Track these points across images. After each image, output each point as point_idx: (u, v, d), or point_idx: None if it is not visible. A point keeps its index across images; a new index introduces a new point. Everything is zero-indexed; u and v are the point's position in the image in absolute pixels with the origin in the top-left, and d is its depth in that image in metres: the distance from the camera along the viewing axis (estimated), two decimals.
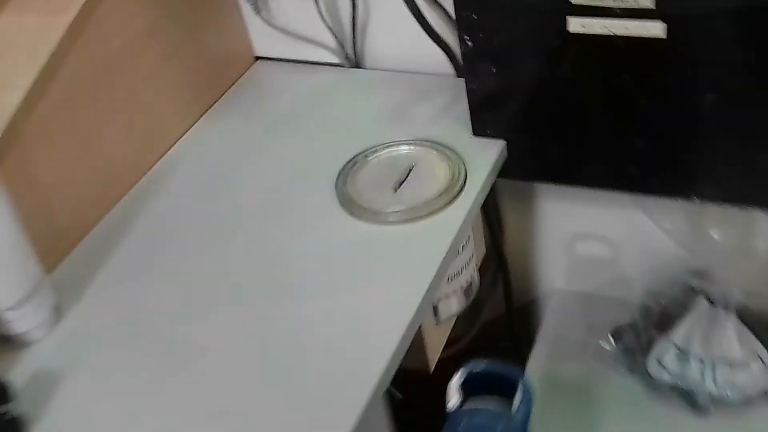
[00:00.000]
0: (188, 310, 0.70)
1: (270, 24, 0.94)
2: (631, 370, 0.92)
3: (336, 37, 0.93)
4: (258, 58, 1.00)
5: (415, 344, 0.75)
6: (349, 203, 0.76)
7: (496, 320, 1.06)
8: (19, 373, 0.66)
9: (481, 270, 0.91)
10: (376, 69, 0.95)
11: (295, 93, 0.94)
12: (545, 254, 1.03)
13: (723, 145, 0.72)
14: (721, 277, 0.86)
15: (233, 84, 0.96)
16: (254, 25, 0.96)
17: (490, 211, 0.94)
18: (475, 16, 0.73)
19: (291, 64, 0.98)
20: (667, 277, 0.95)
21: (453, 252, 0.73)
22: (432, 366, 0.81)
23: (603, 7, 0.67)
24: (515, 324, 1.06)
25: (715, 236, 0.84)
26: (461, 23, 0.74)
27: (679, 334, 0.87)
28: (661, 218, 0.84)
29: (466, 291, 0.85)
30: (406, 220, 0.73)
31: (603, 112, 0.74)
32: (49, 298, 0.70)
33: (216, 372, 0.64)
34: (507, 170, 0.81)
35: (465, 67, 0.77)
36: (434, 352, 0.81)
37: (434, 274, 0.69)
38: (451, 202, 0.75)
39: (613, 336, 0.94)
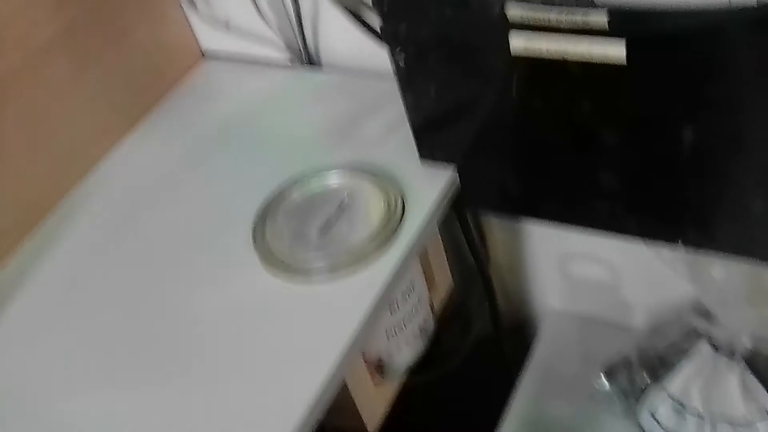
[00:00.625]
0: (72, 382, 0.60)
1: (211, 18, 0.82)
2: (625, 415, 0.80)
3: (282, 33, 0.81)
4: (204, 54, 0.88)
5: (346, 407, 0.65)
6: (265, 253, 0.65)
7: (487, 339, 0.95)
8: None
9: (462, 293, 0.79)
10: (330, 66, 0.83)
11: (238, 98, 0.83)
12: (538, 273, 0.91)
13: (707, 188, 0.58)
14: (727, 319, 0.73)
15: (176, 83, 0.85)
16: (196, 18, 0.84)
17: (468, 226, 0.82)
18: (403, 27, 0.60)
19: (241, 62, 0.86)
20: (670, 308, 0.82)
21: (378, 310, 0.61)
22: (373, 425, 0.71)
23: (545, 26, 0.53)
24: (505, 345, 0.95)
25: (721, 273, 0.71)
26: (388, 36, 0.61)
27: (676, 383, 0.75)
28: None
29: (421, 335, 0.73)
30: (329, 276, 0.62)
31: (562, 142, 0.61)
32: None
33: None
34: (463, 201, 0.68)
35: (401, 85, 0.64)
36: (373, 410, 0.71)
37: (348, 341, 0.58)
38: (382, 246, 0.63)
39: (606, 375, 0.82)
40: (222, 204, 0.71)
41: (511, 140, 0.63)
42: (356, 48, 0.79)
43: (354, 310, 0.59)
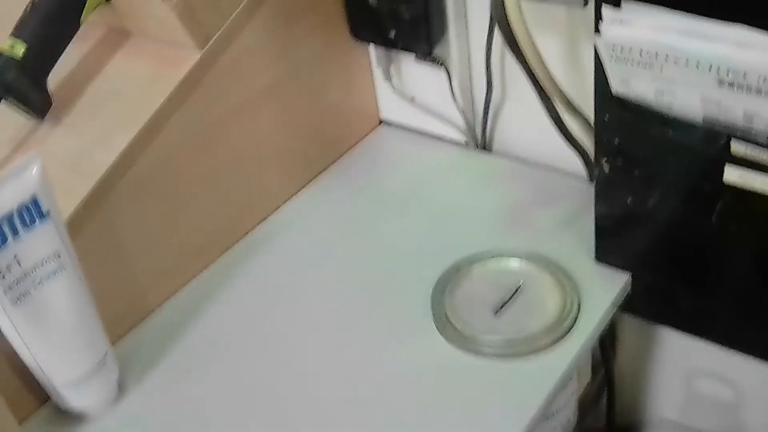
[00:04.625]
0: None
1: (400, 92, 0.87)
2: None
3: (465, 117, 0.85)
4: (382, 121, 0.93)
5: None
6: (442, 321, 0.68)
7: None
8: None
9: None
10: (501, 154, 0.87)
11: (412, 169, 0.87)
12: (659, 380, 0.93)
13: None
14: None
15: (351, 148, 0.90)
16: (383, 88, 0.90)
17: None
18: (616, 141, 0.64)
19: (415, 133, 0.91)
20: None
21: (551, 398, 0.64)
22: None
23: (763, 166, 0.57)
24: None
25: None
26: (600, 146, 0.65)
27: None
28: None
29: (567, 426, 0.76)
30: (503, 355, 0.66)
31: (748, 270, 0.64)
32: (114, 372, 0.66)
33: None
34: (629, 306, 0.72)
35: (598, 190, 0.68)
36: None
37: (526, 424, 0.61)
38: (557, 341, 0.66)
39: None
40: (398, 269, 0.75)
41: (697, 259, 0.66)
42: (533, 140, 0.84)
43: (529, 397, 0.62)
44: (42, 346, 0.60)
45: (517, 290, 0.70)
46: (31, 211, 0.57)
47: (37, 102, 0.70)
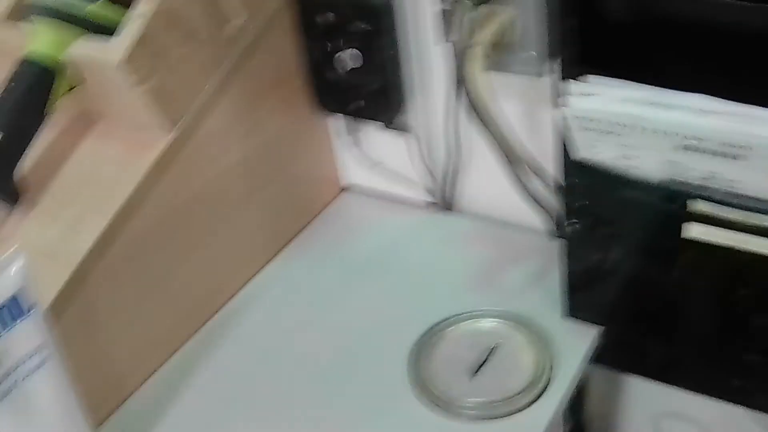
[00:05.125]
0: None
1: (363, 158, 0.90)
2: None
3: (431, 179, 0.88)
4: (344, 188, 0.95)
5: None
6: (421, 387, 0.70)
7: None
8: None
9: None
10: (466, 213, 0.90)
11: (379, 234, 0.89)
12: (627, 425, 0.95)
13: None
14: None
15: (316, 216, 0.91)
16: (344, 155, 0.92)
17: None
18: (583, 203, 0.66)
19: (377, 198, 0.93)
20: None
21: None
22: None
23: (729, 221, 0.60)
24: None
25: None
26: (569, 208, 0.68)
27: None
28: None
29: None
30: (483, 417, 0.67)
31: (713, 321, 0.67)
32: None
33: None
34: (600, 358, 0.74)
35: (567, 248, 0.71)
36: None
37: None
38: (535, 399, 0.68)
39: None
40: (373, 335, 0.76)
41: (663, 310, 0.69)
42: (495, 198, 0.86)
43: None
44: None
45: (492, 350, 0.72)
46: (12, 310, 0.57)
47: (8, 190, 0.70)
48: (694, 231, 0.62)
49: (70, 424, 0.62)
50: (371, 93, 0.80)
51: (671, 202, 0.62)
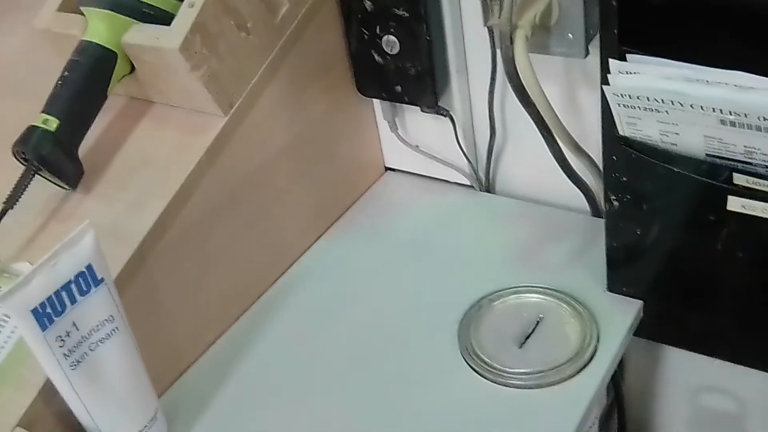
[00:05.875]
0: None
1: (404, 140, 0.92)
2: None
3: (470, 162, 0.90)
4: (388, 168, 0.98)
5: None
6: (471, 356, 0.72)
7: None
8: None
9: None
10: (505, 195, 0.92)
11: (421, 214, 0.91)
12: (666, 397, 0.97)
13: None
14: None
15: (360, 196, 0.94)
16: (387, 138, 0.94)
17: None
18: (625, 179, 0.69)
19: (420, 178, 0.96)
20: None
21: (582, 424, 0.68)
22: None
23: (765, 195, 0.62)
24: None
25: None
26: (609, 183, 0.70)
27: None
28: None
29: None
30: (532, 386, 0.70)
31: (754, 291, 0.69)
32: (164, 428, 0.69)
33: None
34: (641, 330, 0.76)
35: (608, 224, 0.73)
36: None
37: None
38: (581, 369, 0.70)
39: None
40: (422, 309, 0.79)
41: (704, 284, 0.71)
42: (535, 179, 0.88)
43: (562, 424, 0.67)
44: (100, 406, 0.63)
45: (537, 323, 0.75)
46: (87, 279, 0.61)
47: (70, 173, 0.73)
48: (736, 204, 0.64)
49: (139, 392, 0.66)
50: (411, 78, 0.82)
51: (713, 177, 0.64)
